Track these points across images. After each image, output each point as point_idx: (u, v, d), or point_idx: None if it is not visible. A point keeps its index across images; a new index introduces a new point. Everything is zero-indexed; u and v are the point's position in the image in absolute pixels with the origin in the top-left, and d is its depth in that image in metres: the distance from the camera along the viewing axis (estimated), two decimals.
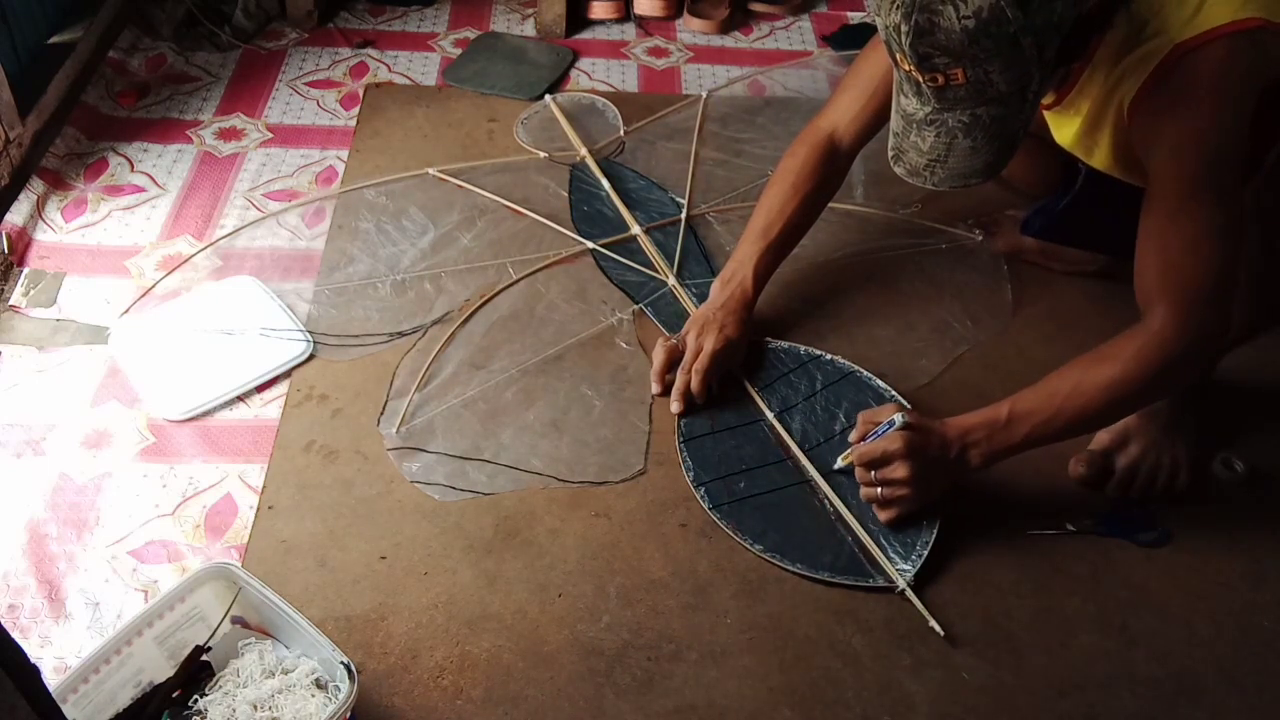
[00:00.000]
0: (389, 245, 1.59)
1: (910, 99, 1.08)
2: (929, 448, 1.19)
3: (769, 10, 2.23)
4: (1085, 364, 1.16)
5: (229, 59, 1.99)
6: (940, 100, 1.04)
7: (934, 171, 1.10)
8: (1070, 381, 1.16)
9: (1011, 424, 1.17)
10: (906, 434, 1.19)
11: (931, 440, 1.19)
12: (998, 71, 1.00)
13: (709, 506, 1.26)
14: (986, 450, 1.19)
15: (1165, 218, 1.11)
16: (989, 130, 1.05)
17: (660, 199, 1.71)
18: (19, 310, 1.46)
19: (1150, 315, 1.13)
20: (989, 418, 1.18)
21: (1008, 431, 1.17)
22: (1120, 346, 1.14)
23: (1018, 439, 1.18)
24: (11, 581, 1.15)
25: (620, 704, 1.09)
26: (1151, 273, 1.14)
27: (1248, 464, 1.34)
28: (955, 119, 1.05)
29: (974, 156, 1.07)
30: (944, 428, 1.20)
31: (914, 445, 1.18)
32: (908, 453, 1.18)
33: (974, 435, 1.18)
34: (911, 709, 1.10)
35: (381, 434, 1.32)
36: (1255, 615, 1.20)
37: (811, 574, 1.20)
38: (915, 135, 1.09)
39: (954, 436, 1.19)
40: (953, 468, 1.20)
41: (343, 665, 0.97)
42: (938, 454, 1.19)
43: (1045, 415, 1.16)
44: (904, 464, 1.18)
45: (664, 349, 1.38)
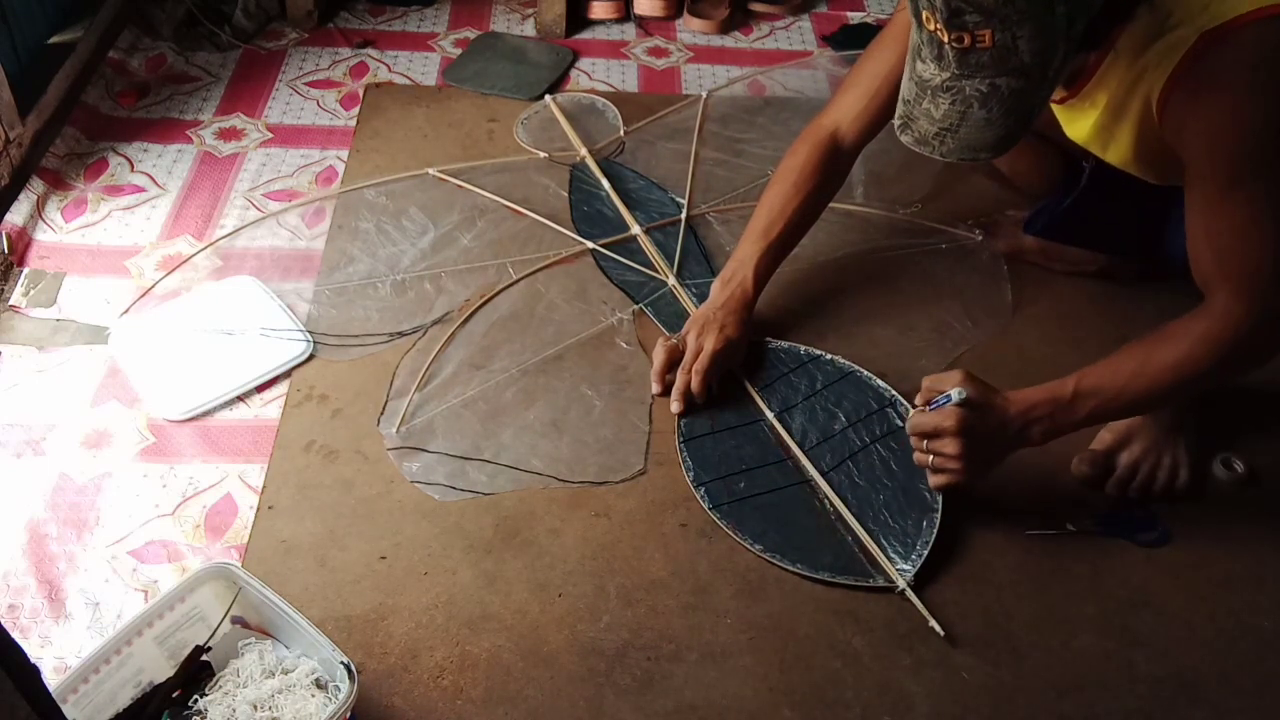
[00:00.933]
0: (389, 245, 1.59)
1: (928, 64, 1.04)
2: (986, 425, 1.16)
3: (769, 10, 2.23)
4: (1151, 343, 1.15)
5: (229, 59, 1.99)
6: (961, 65, 1.01)
7: (943, 141, 1.07)
8: (1136, 360, 1.14)
9: (1077, 400, 1.15)
10: (962, 412, 1.16)
11: (990, 418, 1.16)
12: (1026, 38, 0.97)
13: (709, 506, 1.26)
14: (1050, 426, 1.16)
15: (1210, 206, 1.10)
16: (1006, 103, 1.02)
17: (660, 199, 1.71)
18: (19, 310, 1.46)
19: (1212, 299, 1.12)
20: (1054, 394, 1.16)
21: (1072, 408, 1.15)
22: (1187, 326, 1.13)
23: (1081, 415, 1.16)
24: (11, 581, 1.15)
25: (620, 704, 1.09)
26: (1206, 261, 1.13)
27: (1248, 464, 1.34)
28: (973, 87, 1.02)
29: (987, 129, 1.05)
30: (1005, 403, 1.17)
31: (968, 424, 1.16)
32: (960, 430, 1.15)
33: (1037, 411, 1.16)
34: (911, 709, 1.10)
35: (381, 434, 1.32)
36: (1255, 615, 1.20)
37: (811, 574, 1.20)
38: (928, 102, 1.06)
39: (1015, 413, 1.16)
40: (1011, 443, 1.18)
41: (343, 665, 0.97)
42: (995, 431, 1.17)
43: (1111, 392, 1.14)
44: (955, 441, 1.16)
45: (664, 349, 1.38)
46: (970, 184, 1.71)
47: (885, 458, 1.31)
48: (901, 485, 1.28)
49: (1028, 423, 1.16)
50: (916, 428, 1.20)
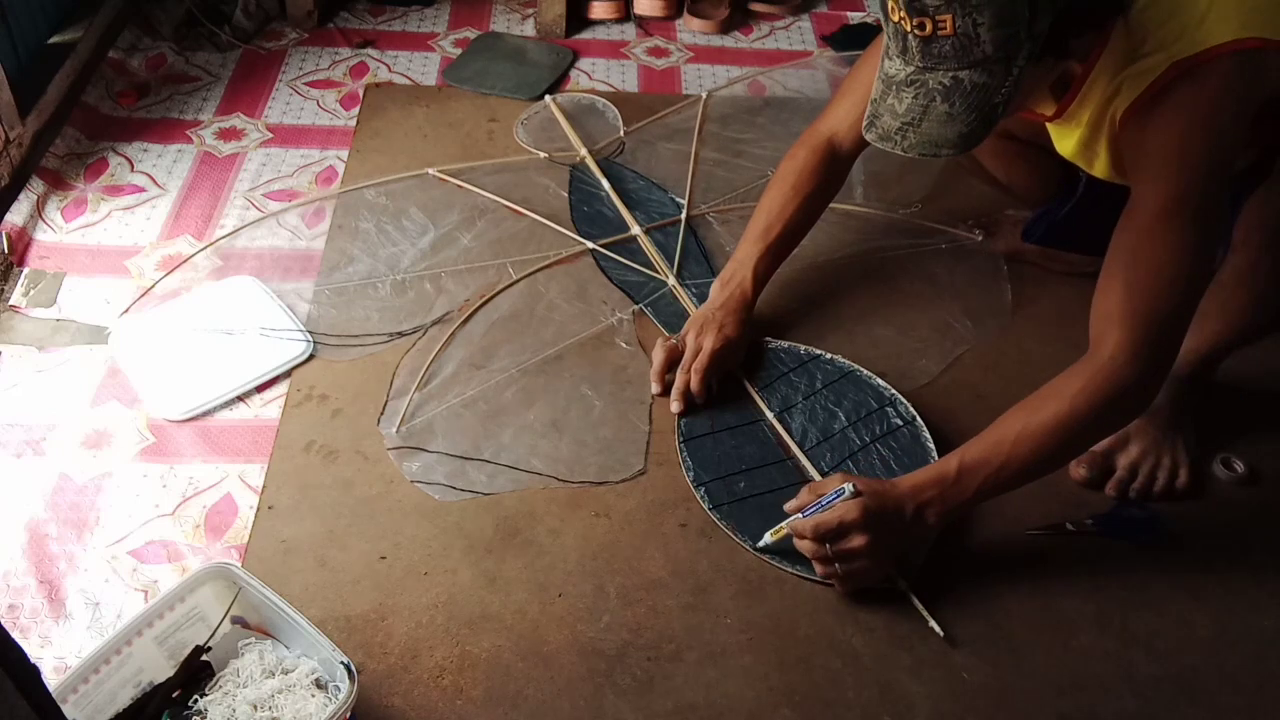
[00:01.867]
0: (389, 245, 1.59)
1: (894, 60, 1.05)
2: (884, 513, 1.13)
3: (769, 10, 2.24)
4: (1030, 406, 1.14)
5: (229, 59, 1.99)
6: (925, 56, 1.01)
7: (905, 136, 1.06)
8: (1016, 427, 1.13)
9: (962, 478, 1.13)
10: (862, 501, 1.12)
11: (886, 505, 1.13)
12: (987, 26, 0.97)
13: (709, 507, 1.26)
14: (941, 509, 1.14)
15: (1137, 238, 1.09)
16: (968, 98, 1.02)
17: (660, 199, 1.71)
18: (19, 310, 1.46)
19: (1102, 343, 1.11)
20: (938, 474, 1.14)
21: (959, 486, 1.13)
22: (1065, 383, 1.12)
23: (970, 492, 1.14)
24: (11, 581, 1.15)
25: (620, 704, 1.09)
26: (1114, 293, 1.10)
27: (1248, 464, 1.34)
28: (936, 80, 1.02)
29: (949, 124, 1.04)
30: (895, 489, 1.15)
31: (871, 513, 1.12)
32: (865, 522, 1.11)
33: (926, 493, 1.14)
34: (911, 709, 1.10)
35: (382, 433, 1.32)
36: (1255, 615, 1.20)
37: (811, 575, 1.20)
38: (893, 98, 1.06)
39: (907, 497, 1.14)
40: (909, 530, 1.15)
41: (343, 665, 0.97)
42: (893, 519, 1.13)
43: (996, 464, 1.12)
44: (862, 534, 1.12)
45: (664, 349, 1.38)
46: (970, 184, 1.71)
47: (885, 457, 1.32)
48: None
49: (919, 505, 1.14)
50: (820, 527, 1.13)
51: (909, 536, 1.16)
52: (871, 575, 1.16)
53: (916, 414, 1.35)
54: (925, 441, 1.32)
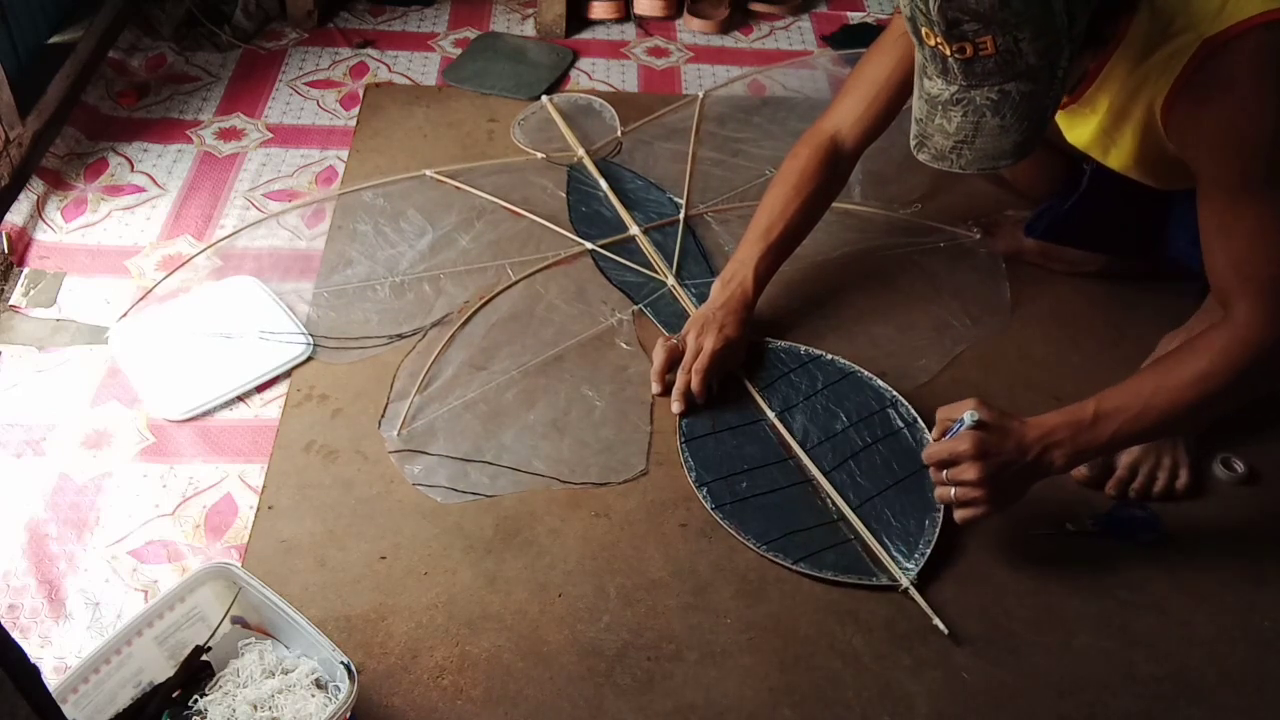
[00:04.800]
0: (387, 247, 1.58)
1: (935, 80, 1.04)
2: (1004, 450, 1.12)
3: (769, 10, 2.23)
4: (1171, 360, 1.13)
5: (229, 59, 1.99)
6: (968, 75, 1.01)
7: (960, 154, 1.06)
8: (1156, 378, 1.12)
9: (1098, 422, 1.12)
10: (977, 434, 1.11)
11: (1007, 442, 1.12)
12: (1028, 40, 0.97)
13: (711, 507, 1.26)
14: (1071, 450, 1.12)
15: (1223, 214, 1.09)
16: (1018, 108, 1.02)
17: (658, 199, 1.71)
18: (19, 310, 1.46)
19: (1233, 310, 1.11)
20: (1073, 417, 1.13)
21: (1094, 431, 1.12)
22: (1207, 341, 1.11)
23: (1104, 438, 1.12)
24: (11, 581, 1.15)
25: (620, 704, 1.09)
26: (1223, 270, 1.11)
27: (1248, 464, 1.34)
28: (983, 96, 1.02)
29: (1003, 136, 1.04)
30: (1023, 428, 1.13)
31: (985, 446, 1.11)
32: (978, 454, 1.11)
33: (1057, 435, 1.12)
34: (911, 709, 1.10)
35: (383, 437, 1.32)
36: (1255, 615, 1.20)
37: (815, 573, 1.20)
38: (940, 118, 1.05)
39: (1034, 438, 1.12)
40: (1033, 470, 1.13)
41: (343, 665, 0.97)
42: (1014, 457, 1.12)
43: (1133, 412, 1.11)
44: (974, 465, 1.11)
45: (664, 349, 1.38)
46: (969, 184, 1.71)
47: (887, 457, 1.31)
48: (903, 485, 1.28)
49: (1047, 447, 1.12)
50: (932, 457, 1.15)
51: (1029, 475, 1.14)
52: (985, 506, 1.13)
53: (918, 416, 1.35)
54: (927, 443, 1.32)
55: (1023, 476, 1.14)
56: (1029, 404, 1.41)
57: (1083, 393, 1.40)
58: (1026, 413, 1.38)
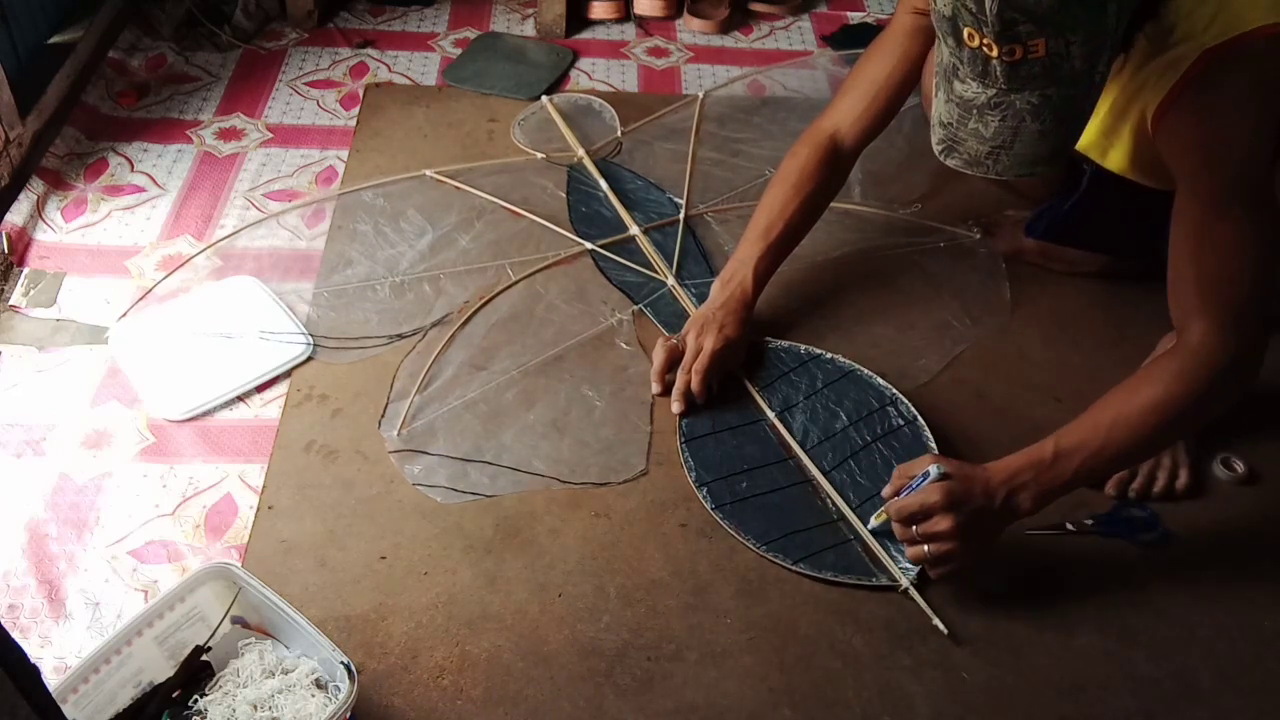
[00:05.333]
0: (387, 248, 1.58)
1: (969, 83, 1.01)
2: (972, 498, 1.11)
3: (769, 10, 2.23)
4: (1126, 390, 1.13)
5: (229, 59, 1.99)
6: (1010, 80, 0.98)
7: (998, 159, 1.03)
8: (1112, 410, 1.12)
9: (1059, 461, 1.11)
10: (946, 484, 1.11)
11: (974, 489, 1.12)
12: (1078, 44, 0.95)
13: (711, 507, 1.26)
14: (1036, 491, 1.12)
15: (1198, 229, 1.09)
16: (1058, 112, 0.99)
17: (658, 199, 1.71)
18: (19, 310, 1.46)
19: (1188, 331, 1.10)
20: (1034, 458, 1.12)
21: (1055, 469, 1.12)
22: (1160, 367, 1.12)
23: (1067, 475, 1.12)
24: (11, 581, 1.15)
25: (620, 704, 1.09)
26: (1187, 287, 1.11)
27: (1248, 464, 1.34)
28: (1024, 100, 0.99)
29: (1041, 142, 1.01)
30: (986, 474, 1.13)
31: (955, 496, 1.11)
32: (949, 504, 1.10)
33: (1021, 477, 1.12)
34: (911, 709, 1.10)
35: (383, 436, 1.32)
36: (1255, 615, 1.20)
37: (815, 573, 1.20)
38: (975, 122, 1.02)
39: (999, 482, 1.12)
40: (1001, 515, 1.13)
41: (343, 665, 0.97)
42: (982, 503, 1.11)
43: (1093, 447, 1.11)
44: (946, 516, 1.10)
45: (664, 349, 1.38)
46: (969, 184, 1.71)
47: (887, 456, 1.31)
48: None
49: (1012, 490, 1.12)
50: (901, 511, 1.13)
51: (999, 521, 1.14)
52: (961, 558, 1.13)
53: (918, 414, 1.35)
54: (927, 441, 1.32)
55: (992, 523, 1.13)
56: (1029, 404, 1.41)
57: (1083, 393, 1.41)
58: (1026, 413, 1.40)
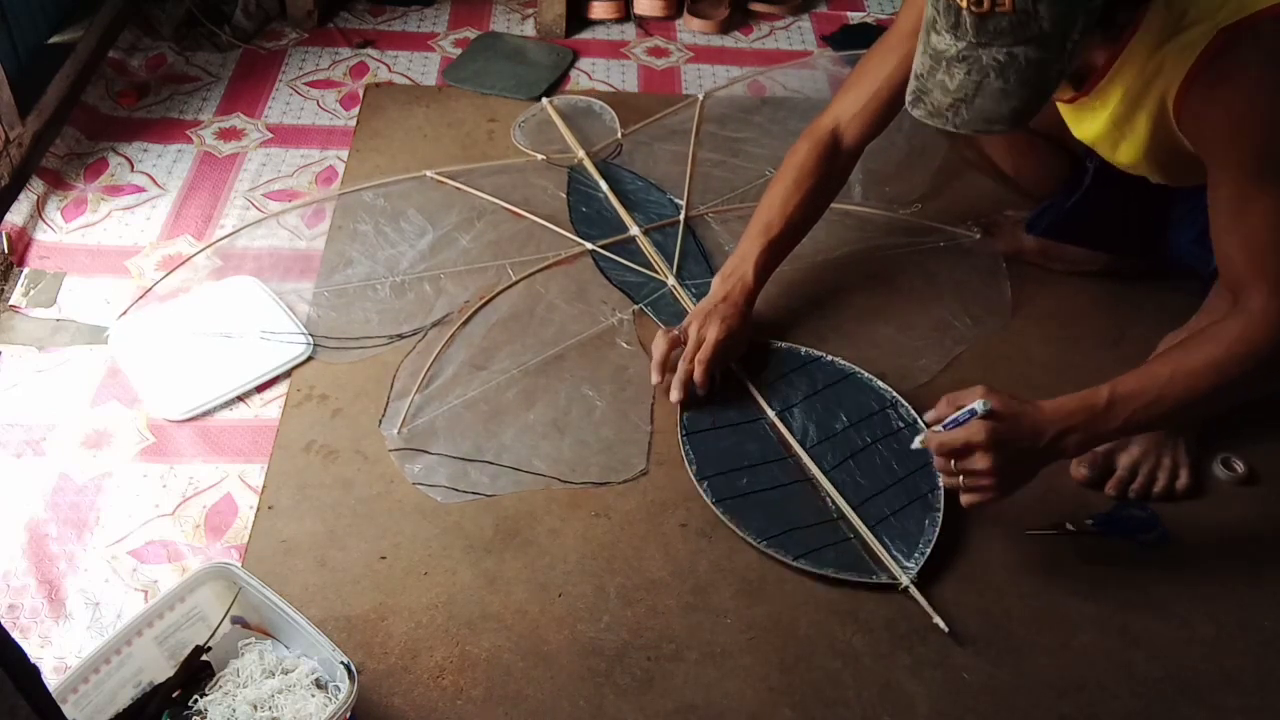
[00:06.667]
0: (387, 248, 1.58)
1: (943, 35, 1.03)
2: (1017, 438, 1.10)
3: (769, 10, 2.23)
4: (1185, 348, 1.12)
5: (229, 59, 1.99)
6: (979, 33, 1.00)
7: (957, 112, 1.05)
8: (1171, 364, 1.11)
9: (1112, 408, 1.10)
10: (990, 424, 1.09)
11: (1020, 429, 1.10)
12: (1046, 4, 0.96)
13: (712, 501, 1.26)
14: (1085, 436, 1.11)
15: (1239, 202, 1.08)
16: (1023, 73, 1.01)
17: (659, 200, 1.71)
18: (19, 310, 1.46)
19: (1247, 299, 1.10)
20: (1088, 402, 1.11)
21: (1107, 416, 1.10)
22: (1224, 329, 1.10)
23: (1118, 423, 1.10)
24: (11, 581, 1.15)
25: (620, 704, 1.09)
26: (1238, 258, 1.10)
27: (1248, 464, 1.34)
28: (990, 56, 1.01)
29: (1003, 100, 1.02)
30: (1037, 414, 1.11)
31: (999, 437, 1.09)
32: (991, 444, 1.09)
33: (1071, 421, 1.10)
34: (911, 709, 1.10)
35: (384, 435, 1.32)
36: (1255, 615, 1.20)
37: (815, 569, 1.20)
38: (943, 74, 1.04)
39: (1048, 422, 1.10)
40: (1044, 455, 1.12)
41: (343, 665, 0.97)
42: (1027, 443, 1.10)
43: (1149, 397, 1.09)
44: (987, 456, 1.09)
45: (665, 339, 1.38)
46: (969, 183, 1.71)
47: (887, 458, 1.31)
48: (903, 485, 1.28)
49: (1061, 433, 1.11)
50: (943, 446, 1.12)
51: (1041, 460, 1.13)
52: (995, 494, 1.12)
53: (918, 416, 1.35)
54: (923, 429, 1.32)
55: (1034, 462, 1.13)
56: None
57: None
58: None
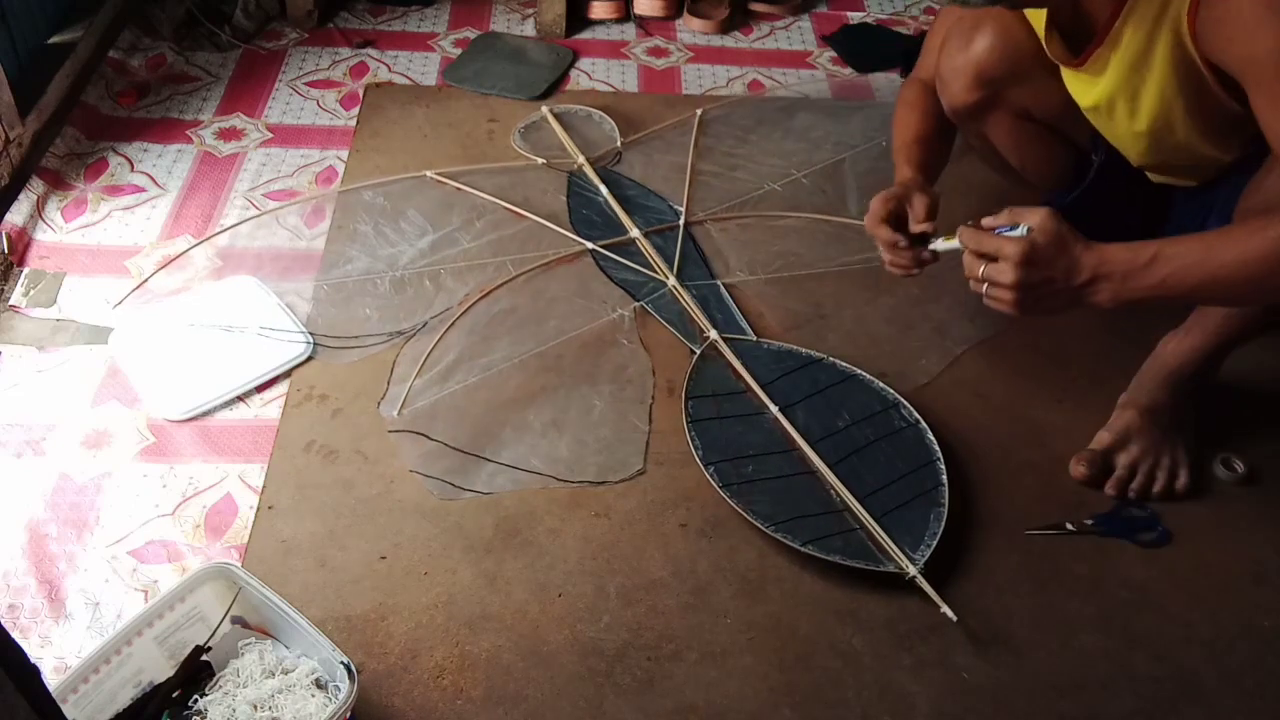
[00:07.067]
0: (387, 246, 1.58)
1: None
2: (1051, 266, 1.07)
3: (769, 10, 2.24)
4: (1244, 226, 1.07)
5: (229, 59, 1.99)
6: None
7: None
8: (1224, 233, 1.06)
9: (1155, 263, 1.05)
10: (1028, 243, 1.07)
11: (1059, 259, 1.07)
12: None
13: (719, 485, 1.26)
14: (1119, 287, 1.07)
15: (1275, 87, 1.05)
16: None
17: (658, 205, 1.70)
18: (19, 310, 1.45)
19: None
20: (1132, 253, 1.07)
21: (1147, 271, 1.06)
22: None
23: (1155, 279, 1.06)
24: (11, 581, 1.15)
25: (620, 704, 1.09)
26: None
27: (1248, 464, 1.34)
28: None
29: None
30: (1081, 251, 1.07)
31: (1032, 257, 1.07)
32: (1022, 261, 1.07)
33: (1110, 268, 1.07)
34: (911, 709, 1.10)
35: (382, 415, 1.33)
36: (1255, 615, 1.20)
37: (823, 555, 1.19)
38: None
39: (1086, 264, 1.07)
40: (1074, 297, 1.09)
41: (343, 665, 0.97)
42: (1060, 276, 1.08)
43: (1193, 258, 1.05)
44: (1013, 269, 1.07)
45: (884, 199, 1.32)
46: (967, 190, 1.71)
47: (890, 454, 1.31)
48: (907, 480, 1.28)
49: (1096, 277, 1.07)
50: (978, 244, 1.11)
51: (1069, 301, 1.10)
52: (1013, 310, 1.11)
53: (920, 418, 1.35)
54: (930, 444, 1.32)
55: (1061, 299, 1.10)
56: (1029, 404, 1.41)
57: (1083, 393, 1.42)
58: (1026, 413, 1.40)
